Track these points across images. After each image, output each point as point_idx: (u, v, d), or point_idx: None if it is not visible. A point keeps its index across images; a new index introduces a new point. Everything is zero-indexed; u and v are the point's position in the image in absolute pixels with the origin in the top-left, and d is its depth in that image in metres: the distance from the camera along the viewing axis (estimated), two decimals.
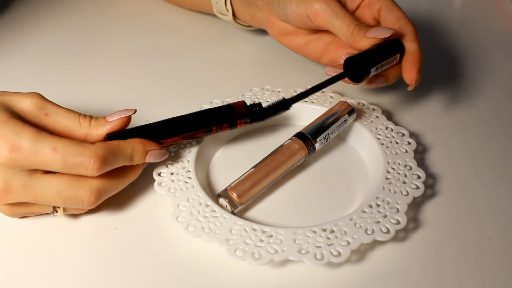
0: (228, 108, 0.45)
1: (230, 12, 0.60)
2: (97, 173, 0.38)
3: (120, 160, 0.40)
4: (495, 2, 0.77)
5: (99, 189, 0.40)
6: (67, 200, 0.39)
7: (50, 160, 0.37)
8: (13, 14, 0.69)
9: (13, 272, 0.40)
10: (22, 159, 0.37)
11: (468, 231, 0.43)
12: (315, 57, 0.55)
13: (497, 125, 0.54)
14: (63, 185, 0.38)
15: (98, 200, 0.40)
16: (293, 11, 0.51)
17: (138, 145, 0.41)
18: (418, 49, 0.48)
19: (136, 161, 0.41)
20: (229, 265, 0.40)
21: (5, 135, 0.37)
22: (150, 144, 0.42)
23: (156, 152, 0.42)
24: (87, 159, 0.38)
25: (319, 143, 0.47)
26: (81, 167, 0.38)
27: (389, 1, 0.50)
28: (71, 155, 0.37)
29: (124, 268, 0.40)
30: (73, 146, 0.38)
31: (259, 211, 0.44)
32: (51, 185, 0.38)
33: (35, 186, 0.38)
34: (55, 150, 0.37)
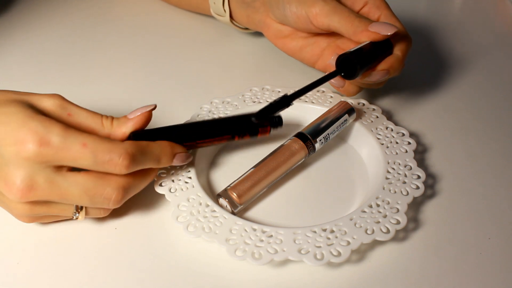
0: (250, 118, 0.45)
1: (227, 13, 0.60)
2: (126, 170, 0.38)
3: (148, 160, 0.40)
4: (495, 2, 0.77)
5: (125, 187, 0.39)
6: (93, 198, 0.38)
7: (79, 155, 0.36)
8: (13, 14, 0.69)
9: (13, 272, 0.40)
10: (51, 154, 0.36)
11: (468, 231, 0.43)
12: (310, 61, 0.55)
13: (497, 125, 0.54)
14: (90, 183, 0.38)
15: (124, 198, 0.39)
16: (292, 13, 0.51)
17: (166, 147, 0.41)
18: (400, 59, 0.48)
19: (163, 163, 0.41)
20: (229, 265, 0.40)
21: (34, 129, 0.36)
22: (177, 147, 0.42)
23: (182, 155, 0.42)
24: (116, 156, 0.37)
25: (319, 143, 0.47)
26: (110, 164, 0.37)
27: (388, 11, 0.50)
28: (101, 151, 0.37)
29: (124, 268, 0.40)
30: (103, 143, 0.37)
31: (259, 211, 0.44)
32: (78, 183, 0.37)
33: (61, 183, 0.37)
34: (85, 145, 0.37)
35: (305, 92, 0.43)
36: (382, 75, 0.47)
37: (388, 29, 0.46)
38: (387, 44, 0.48)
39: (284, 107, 0.42)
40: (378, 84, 0.51)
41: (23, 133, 0.36)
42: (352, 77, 0.46)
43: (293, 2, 0.50)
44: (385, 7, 0.50)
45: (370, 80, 0.48)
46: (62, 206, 0.39)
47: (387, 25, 0.47)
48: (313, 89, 0.44)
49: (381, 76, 0.47)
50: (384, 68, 0.47)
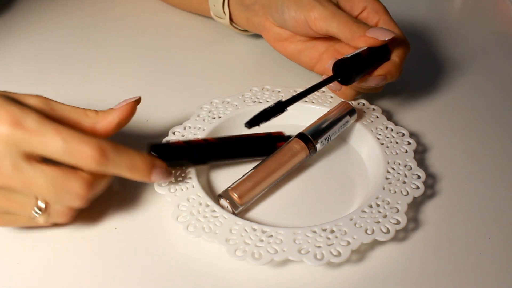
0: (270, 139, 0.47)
1: (227, 15, 0.60)
2: (95, 165, 0.36)
3: (122, 163, 0.38)
4: (495, 2, 0.77)
5: (92, 184, 0.38)
6: (59, 192, 0.37)
7: (51, 142, 0.35)
8: (13, 14, 0.69)
9: (13, 272, 0.40)
10: (22, 137, 0.35)
11: (468, 231, 0.43)
12: (308, 65, 0.55)
13: (497, 125, 0.54)
14: (57, 173, 0.36)
15: (88, 194, 0.38)
16: (291, 17, 0.51)
17: (145, 156, 0.39)
18: (398, 65, 0.48)
19: (138, 172, 0.39)
20: (229, 265, 0.40)
21: (10, 110, 0.35)
22: (158, 160, 0.40)
23: (162, 170, 0.40)
24: (88, 147, 0.36)
25: (320, 144, 0.47)
26: (81, 155, 0.36)
27: (387, 16, 0.50)
28: (73, 140, 0.36)
29: (124, 268, 0.40)
30: (77, 133, 0.36)
31: (259, 211, 0.44)
32: (45, 173, 0.36)
33: (28, 170, 0.36)
34: (59, 133, 0.36)
35: (300, 98, 0.43)
36: (379, 80, 0.47)
37: (386, 34, 0.46)
38: (384, 49, 0.48)
39: (278, 113, 0.42)
40: (376, 89, 0.51)
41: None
42: (348, 82, 0.46)
43: (291, 6, 0.50)
44: (384, 12, 0.50)
45: (367, 85, 0.48)
46: (23, 200, 0.37)
47: (384, 31, 0.47)
48: (309, 94, 0.44)
49: (378, 82, 0.47)
50: (381, 73, 0.47)
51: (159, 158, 0.41)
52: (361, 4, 0.50)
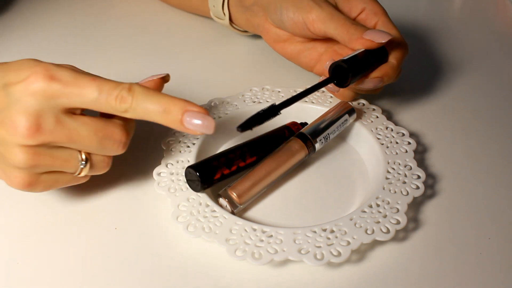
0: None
1: (227, 16, 0.60)
2: (129, 107, 0.37)
3: (155, 104, 0.37)
4: (495, 2, 0.77)
5: (127, 128, 0.39)
6: (102, 140, 0.38)
7: (87, 91, 0.36)
8: (13, 14, 0.69)
9: (13, 272, 0.40)
10: (59, 89, 0.36)
11: (468, 231, 0.43)
12: (308, 66, 0.55)
13: (497, 125, 0.54)
14: (98, 123, 0.38)
15: (127, 140, 0.40)
16: (289, 19, 0.51)
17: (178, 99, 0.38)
18: (395, 67, 0.48)
19: (172, 115, 0.37)
20: (229, 265, 0.40)
21: (45, 66, 0.36)
22: (192, 104, 0.38)
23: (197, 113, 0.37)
24: (122, 90, 0.37)
25: (319, 143, 0.47)
26: (116, 98, 0.37)
27: (386, 18, 0.50)
28: (107, 86, 0.37)
29: (124, 268, 0.40)
30: (110, 81, 0.37)
31: (259, 211, 0.44)
32: (87, 123, 0.37)
33: (70, 123, 0.37)
34: (93, 81, 0.37)
35: (295, 100, 0.43)
36: (375, 83, 0.47)
37: (382, 36, 0.46)
38: (382, 51, 0.48)
39: (271, 117, 0.42)
40: (374, 90, 0.51)
41: (33, 69, 0.36)
42: (344, 85, 0.46)
43: (290, 8, 0.50)
44: (382, 14, 0.50)
45: (363, 87, 0.48)
46: (66, 155, 0.38)
47: (381, 33, 0.46)
48: (305, 97, 0.44)
49: (374, 84, 0.47)
50: (377, 76, 0.47)
51: (207, 180, 0.42)
52: (360, 5, 0.50)
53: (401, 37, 0.49)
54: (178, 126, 0.38)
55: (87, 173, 0.40)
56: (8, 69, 0.37)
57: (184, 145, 0.47)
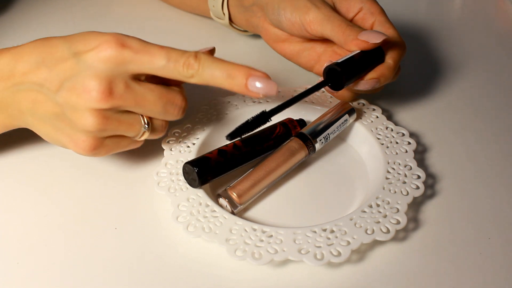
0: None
1: (226, 16, 0.60)
2: (192, 71, 0.39)
3: (220, 69, 0.40)
4: (495, 2, 0.77)
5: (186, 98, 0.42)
6: (166, 105, 0.41)
7: (156, 57, 0.39)
8: (13, 14, 0.69)
9: (13, 272, 0.40)
10: (130, 55, 0.38)
11: (468, 231, 0.43)
12: (307, 66, 0.54)
13: (497, 125, 0.54)
14: (163, 89, 0.41)
15: (186, 106, 0.42)
16: (287, 19, 0.51)
17: (241, 65, 0.41)
18: (391, 67, 0.47)
19: (237, 80, 0.40)
20: (229, 265, 0.40)
21: (116, 35, 0.39)
22: (255, 70, 0.40)
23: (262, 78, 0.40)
24: (189, 57, 0.39)
25: (319, 143, 0.47)
26: (184, 63, 0.39)
27: (383, 17, 0.50)
28: (175, 53, 0.39)
29: (124, 268, 0.40)
30: (175, 49, 0.40)
31: (259, 211, 0.44)
32: (152, 89, 0.40)
33: (138, 89, 0.39)
34: (161, 48, 0.39)
35: (286, 106, 0.43)
36: (371, 84, 0.47)
37: (377, 37, 0.46)
38: (378, 52, 0.47)
39: (262, 124, 0.42)
40: (373, 90, 0.51)
41: (103, 38, 0.39)
42: (339, 88, 0.46)
43: (287, 9, 0.50)
44: (379, 13, 0.50)
45: (360, 89, 0.48)
46: (131, 119, 0.41)
47: (376, 33, 0.46)
48: (297, 101, 0.44)
49: (371, 85, 0.47)
50: (373, 77, 0.47)
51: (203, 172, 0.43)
52: (357, 5, 0.50)
53: (399, 36, 0.49)
54: (243, 90, 0.40)
55: (147, 137, 0.43)
56: (74, 40, 0.40)
57: (184, 145, 0.47)
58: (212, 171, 0.43)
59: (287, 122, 0.48)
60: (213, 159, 0.43)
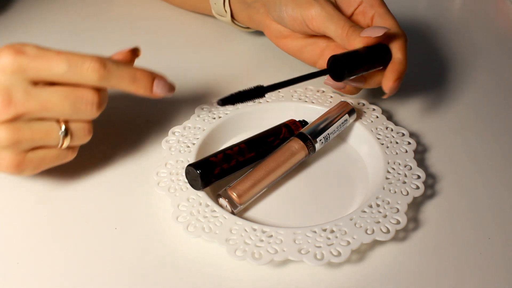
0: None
1: (228, 13, 0.60)
2: (98, 77, 0.38)
3: (123, 73, 0.40)
4: (495, 2, 0.77)
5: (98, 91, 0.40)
6: (75, 104, 0.39)
7: (54, 63, 0.37)
8: (13, 14, 0.69)
9: (13, 272, 0.40)
10: (26, 62, 0.37)
11: (468, 231, 0.43)
12: (310, 61, 0.55)
13: (497, 125, 0.54)
14: (67, 89, 0.39)
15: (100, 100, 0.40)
16: (289, 15, 0.51)
17: (144, 69, 0.41)
18: (403, 60, 0.48)
19: (141, 83, 0.41)
20: (229, 265, 0.40)
21: (11, 45, 0.38)
22: (158, 73, 0.42)
23: (164, 81, 0.42)
24: (90, 61, 0.38)
25: (319, 143, 0.47)
26: (84, 70, 0.38)
27: (382, 9, 0.50)
28: (75, 58, 0.38)
29: (124, 268, 0.40)
30: (77, 53, 0.38)
31: (259, 211, 0.44)
32: (56, 91, 0.38)
33: (39, 93, 0.38)
34: (60, 54, 0.38)
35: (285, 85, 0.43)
36: (398, 84, 0.47)
37: (378, 31, 0.46)
38: (382, 48, 0.48)
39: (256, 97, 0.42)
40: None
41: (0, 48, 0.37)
42: (340, 79, 0.46)
43: (289, 5, 0.50)
44: (379, 5, 0.50)
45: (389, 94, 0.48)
46: (47, 126, 0.39)
47: (376, 28, 0.47)
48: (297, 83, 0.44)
49: (396, 88, 0.47)
50: (396, 78, 0.47)
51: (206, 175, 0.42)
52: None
53: (399, 27, 0.49)
54: (148, 92, 0.41)
55: (69, 143, 0.40)
56: None
57: (184, 145, 0.47)
58: (216, 176, 0.43)
59: (290, 123, 0.48)
60: (217, 163, 0.43)
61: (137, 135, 0.51)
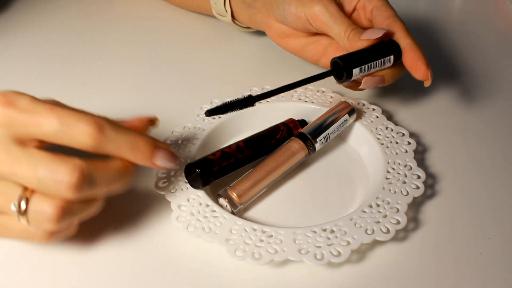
0: None
1: (229, 13, 0.60)
2: (92, 142, 0.34)
3: (122, 140, 0.35)
4: (495, 2, 0.77)
5: (83, 170, 0.34)
6: (43, 178, 0.33)
7: (45, 120, 0.33)
8: (13, 14, 0.69)
9: (13, 272, 0.40)
10: (15, 116, 0.33)
11: (468, 231, 0.43)
12: (313, 59, 0.55)
13: (497, 125, 0.54)
14: (45, 157, 0.33)
15: (80, 186, 0.33)
16: (292, 14, 0.51)
17: (147, 136, 0.37)
18: (414, 44, 0.48)
19: (141, 153, 0.36)
20: (229, 265, 0.40)
21: (4, 93, 0.34)
22: (160, 142, 0.38)
23: (167, 152, 0.38)
24: (85, 124, 0.34)
25: (319, 143, 0.47)
26: (77, 132, 0.34)
27: (380, 2, 0.50)
28: (69, 117, 0.34)
29: (124, 268, 0.40)
30: (72, 111, 0.34)
31: (259, 211, 0.44)
32: (33, 154, 0.34)
33: (15, 152, 0.33)
34: (53, 111, 0.34)
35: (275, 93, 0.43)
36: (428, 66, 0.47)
37: (377, 33, 0.47)
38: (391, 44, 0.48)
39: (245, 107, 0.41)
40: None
41: None
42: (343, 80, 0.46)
43: (292, 3, 0.51)
44: None
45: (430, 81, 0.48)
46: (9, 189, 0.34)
47: (375, 30, 0.47)
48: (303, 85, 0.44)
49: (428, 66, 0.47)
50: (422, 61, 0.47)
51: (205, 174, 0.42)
52: None
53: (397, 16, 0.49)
54: (148, 163, 0.37)
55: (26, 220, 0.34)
56: None
57: (184, 145, 0.47)
58: (215, 173, 0.43)
59: (289, 122, 0.48)
60: (216, 161, 0.43)
61: None
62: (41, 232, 0.36)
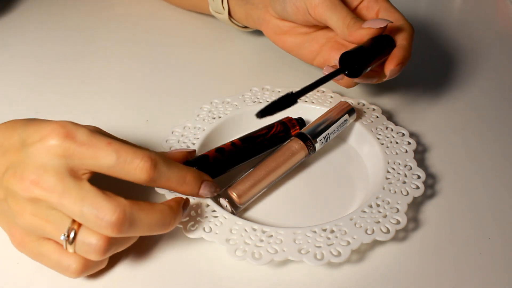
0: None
1: (226, 10, 0.60)
2: (146, 176, 0.36)
3: (173, 174, 0.38)
4: (495, 2, 0.77)
5: (125, 210, 0.35)
6: (86, 213, 0.34)
7: (102, 153, 0.35)
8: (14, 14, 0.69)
9: (13, 272, 0.40)
10: (73, 148, 0.35)
11: (468, 231, 0.43)
12: (308, 58, 0.54)
13: (497, 125, 0.54)
14: (93, 193, 0.35)
15: (120, 226, 0.35)
16: (292, 4, 0.51)
17: (194, 169, 0.40)
18: (407, 47, 0.47)
19: (189, 185, 0.39)
20: (229, 265, 0.40)
21: (63, 124, 0.35)
22: (205, 175, 0.41)
23: (211, 184, 0.41)
24: (140, 159, 0.36)
25: (319, 143, 0.47)
26: (133, 167, 0.36)
27: (387, 4, 0.50)
28: (125, 152, 0.36)
29: (124, 268, 0.40)
30: (129, 146, 0.36)
31: (259, 211, 0.44)
32: (82, 189, 0.35)
33: (68, 184, 0.34)
34: (110, 144, 0.35)
35: (310, 90, 0.42)
36: (399, 70, 0.47)
37: (381, 22, 0.46)
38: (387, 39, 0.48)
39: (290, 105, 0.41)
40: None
41: (50, 127, 0.35)
42: (356, 75, 0.46)
43: None
44: (383, 0, 0.50)
45: (389, 78, 0.47)
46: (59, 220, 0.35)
47: (379, 20, 0.47)
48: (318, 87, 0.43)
49: (398, 71, 0.47)
50: (398, 62, 0.46)
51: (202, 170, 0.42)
52: None
53: (405, 20, 0.49)
54: (195, 194, 0.41)
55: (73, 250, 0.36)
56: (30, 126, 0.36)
57: (184, 145, 0.47)
58: (211, 169, 0.43)
59: (286, 121, 0.48)
60: (211, 156, 0.44)
61: (137, 135, 0.51)
62: (74, 268, 0.37)
